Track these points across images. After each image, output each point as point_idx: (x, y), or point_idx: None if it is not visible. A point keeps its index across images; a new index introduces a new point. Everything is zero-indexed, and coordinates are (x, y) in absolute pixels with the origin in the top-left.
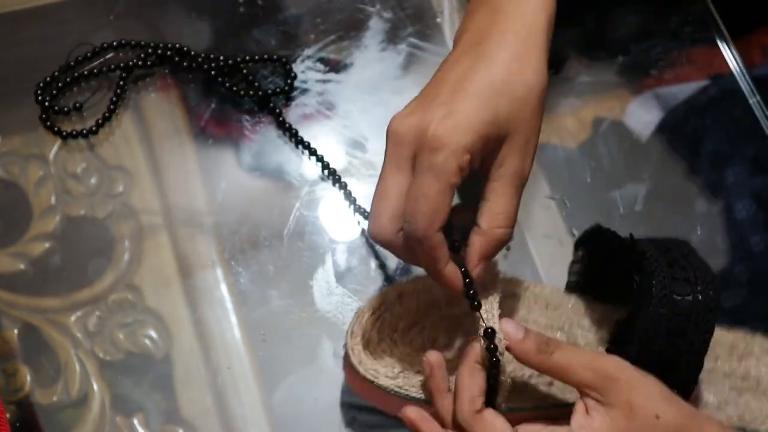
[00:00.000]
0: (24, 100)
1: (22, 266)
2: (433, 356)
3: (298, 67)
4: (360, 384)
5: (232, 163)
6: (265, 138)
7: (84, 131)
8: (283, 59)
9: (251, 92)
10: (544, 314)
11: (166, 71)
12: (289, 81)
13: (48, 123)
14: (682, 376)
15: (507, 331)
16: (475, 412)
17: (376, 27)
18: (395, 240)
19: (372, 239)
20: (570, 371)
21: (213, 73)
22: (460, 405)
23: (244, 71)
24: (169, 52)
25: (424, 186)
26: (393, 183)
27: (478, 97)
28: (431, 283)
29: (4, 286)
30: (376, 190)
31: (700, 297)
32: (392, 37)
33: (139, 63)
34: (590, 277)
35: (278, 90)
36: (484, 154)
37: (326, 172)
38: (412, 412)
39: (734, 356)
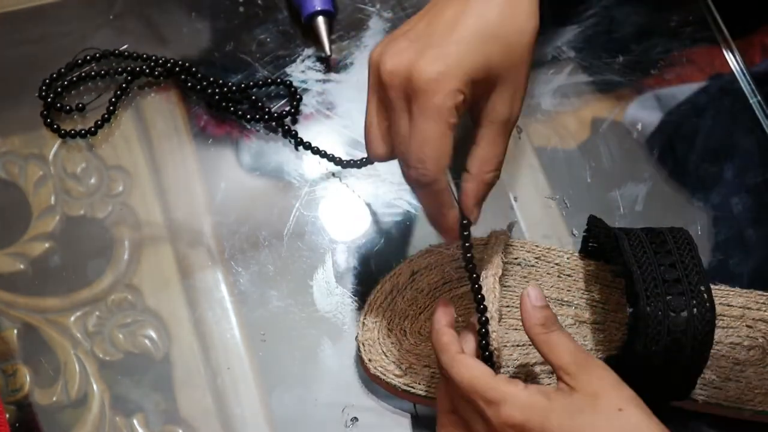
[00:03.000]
0: (23, 100)
1: (21, 266)
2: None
3: (298, 67)
4: (371, 375)
5: (231, 163)
6: (264, 138)
7: (83, 131)
8: (288, 81)
9: (257, 116)
10: (556, 286)
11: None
12: (294, 103)
13: (48, 120)
14: (682, 382)
15: (531, 294)
16: (456, 353)
17: (376, 27)
18: (389, 155)
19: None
20: (555, 352)
21: (218, 98)
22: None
23: (253, 98)
24: (177, 68)
25: (426, 130)
26: (377, 121)
27: (472, 41)
28: (442, 258)
29: (3, 286)
30: (365, 124)
31: (695, 311)
32: None
33: (147, 71)
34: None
35: (284, 113)
36: (475, 97)
37: (333, 164)
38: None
39: (743, 323)
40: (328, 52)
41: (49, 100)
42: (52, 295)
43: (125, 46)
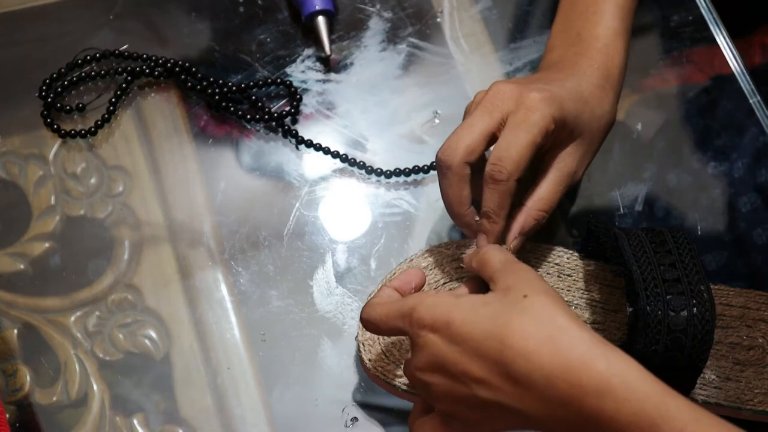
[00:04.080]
0: (24, 100)
1: (21, 266)
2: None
3: (298, 67)
4: (371, 375)
5: (231, 163)
6: (264, 138)
7: (83, 131)
8: (288, 81)
9: (257, 116)
10: (556, 286)
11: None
12: (294, 103)
13: (48, 120)
14: (681, 382)
15: (480, 243)
16: None
17: (376, 27)
18: (460, 169)
19: (440, 160)
20: (486, 266)
21: (218, 98)
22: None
23: (253, 98)
24: (177, 68)
25: (518, 137)
26: (480, 121)
27: (568, 92)
28: (442, 258)
29: (3, 286)
30: (462, 124)
31: (695, 311)
32: (392, 37)
33: (147, 71)
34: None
35: (284, 113)
36: (555, 141)
37: (339, 160)
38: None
39: (744, 323)
40: (328, 52)
41: (49, 100)
42: (52, 295)
43: (125, 46)
